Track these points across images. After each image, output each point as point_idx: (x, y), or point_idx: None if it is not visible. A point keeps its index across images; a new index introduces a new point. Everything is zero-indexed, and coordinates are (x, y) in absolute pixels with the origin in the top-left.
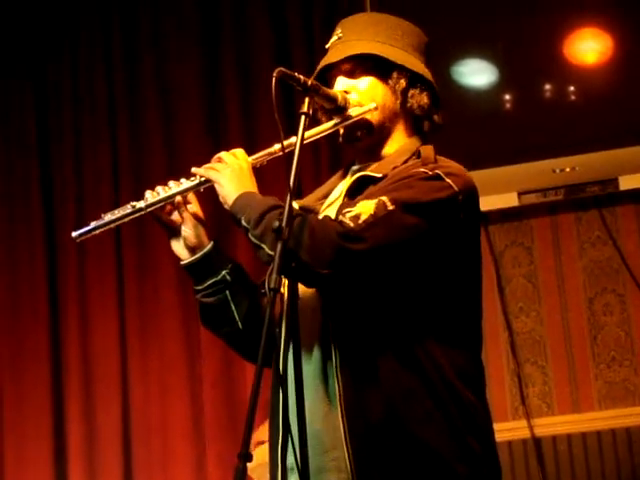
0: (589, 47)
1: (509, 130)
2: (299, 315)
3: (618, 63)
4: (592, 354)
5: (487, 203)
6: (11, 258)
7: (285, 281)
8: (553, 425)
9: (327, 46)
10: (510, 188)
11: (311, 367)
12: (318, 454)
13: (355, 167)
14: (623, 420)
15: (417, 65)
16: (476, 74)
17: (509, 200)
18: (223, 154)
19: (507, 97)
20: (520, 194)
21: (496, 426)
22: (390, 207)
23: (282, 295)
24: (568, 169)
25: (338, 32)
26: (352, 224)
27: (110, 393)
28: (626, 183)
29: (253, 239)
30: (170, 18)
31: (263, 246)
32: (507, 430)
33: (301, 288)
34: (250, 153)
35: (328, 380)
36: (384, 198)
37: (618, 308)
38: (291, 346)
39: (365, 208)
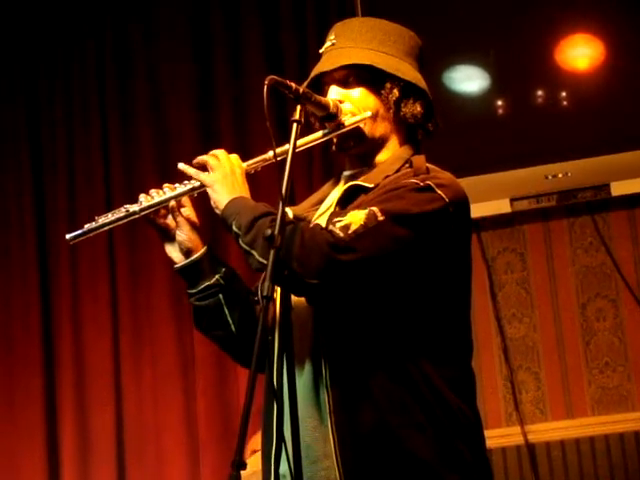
0: (581, 53)
1: (501, 136)
2: (292, 326)
3: (610, 69)
4: (585, 360)
5: (480, 210)
6: (3, 270)
7: (278, 289)
8: (547, 431)
9: (321, 51)
10: (502, 194)
11: (302, 379)
12: (309, 464)
13: (347, 173)
14: (616, 426)
15: (410, 73)
16: (468, 80)
17: (502, 206)
18: (219, 152)
19: (499, 103)
20: (512, 200)
21: (490, 432)
22: (380, 218)
23: (275, 302)
24: (560, 175)
25: (332, 38)
26: (342, 234)
27: (103, 403)
28: (618, 189)
29: (243, 245)
30: (162, 25)
31: (253, 252)
32: (501, 436)
33: (295, 299)
34: (243, 159)
35: (319, 392)
36: (374, 209)
37: (611, 314)
38: (284, 356)
39: (355, 218)
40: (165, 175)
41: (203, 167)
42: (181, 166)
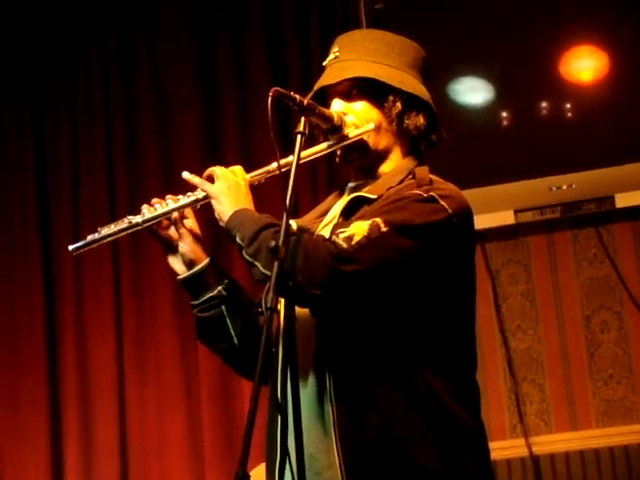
0: (585, 65)
1: (505, 148)
2: (296, 338)
3: (614, 81)
4: (590, 372)
5: (484, 221)
6: (8, 279)
7: (282, 300)
8: (551, 443)
9: (324, 64)
10: (507, 206)
11: (306, 391)
12: (312, 475)
13: (351, 185)
14: (621, 438)
15: (413, 85)
16: (473, 92)
17: (506, 218)
18: (221, 169)
19: (504, 115)
20: (517, 212)
21: (494, 444)
22: (383, 229)
23: (279, 314)
24: (564, 187)
25: (335, 50)
26: (345, 245)
27: (107, 413)
28: (622, 201)
29: (247, 257)
30: (166, 33)
31: (257, 264)
32: (505, 448)
33: (299, 311)
34: (247, 171)
35: (323, 404)
36: (378, 220)
37: (615, 326)
38: (288, 368)
39: (359, 229)
40: (169, 189)
41: (208, 178)
42: (186, 175)
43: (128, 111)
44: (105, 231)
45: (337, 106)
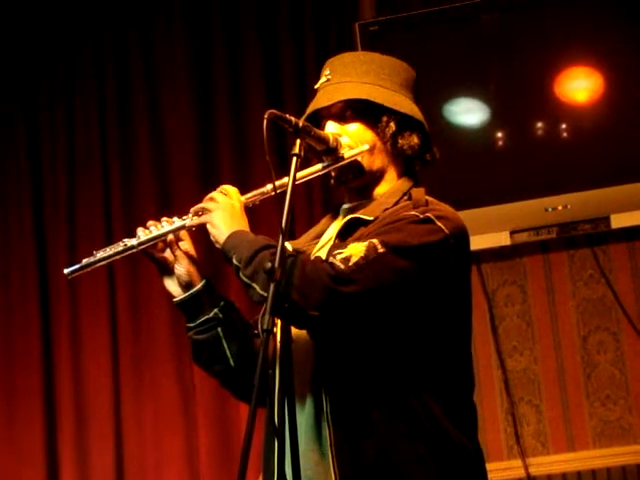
0: (580, 86)
1: (501, 169)
2: (293, 360)
3: (609, 101)
4: (586, 392)
5: (479, 242)
6: (4, 298)
7: (278, 322)
8: (548, 464)
9: (316, 87)
10: (502, 227)
11: (304, 413)
12: None
13: (346, 206)
14: (618, 459)
15: (406, 105)
16: (468, 113)
17: (501, 239)
18: (215, 194)
19: (499, 136)
20: (512, 233)
21: (491, 466)
22: (381, 250)
23: (275, 335)
24: (560, 207)
25: (326, 73)
26: (343, 266)
27: (104, 434)
28: (618, 221)
29: (244, 278)
30: (162, 59)
31: (254, 285)
32: (502, 470)
33: (295, 333)
34: (242, 192)
35: (320, 426)
36: (375, 241)
37: (612, 346)
38: (285, 390)
39: (356, 250)
40: (165, 211)
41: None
42: (187, 224)
43: (123, 127)
44: (100, 254)
45: (331, 128)
